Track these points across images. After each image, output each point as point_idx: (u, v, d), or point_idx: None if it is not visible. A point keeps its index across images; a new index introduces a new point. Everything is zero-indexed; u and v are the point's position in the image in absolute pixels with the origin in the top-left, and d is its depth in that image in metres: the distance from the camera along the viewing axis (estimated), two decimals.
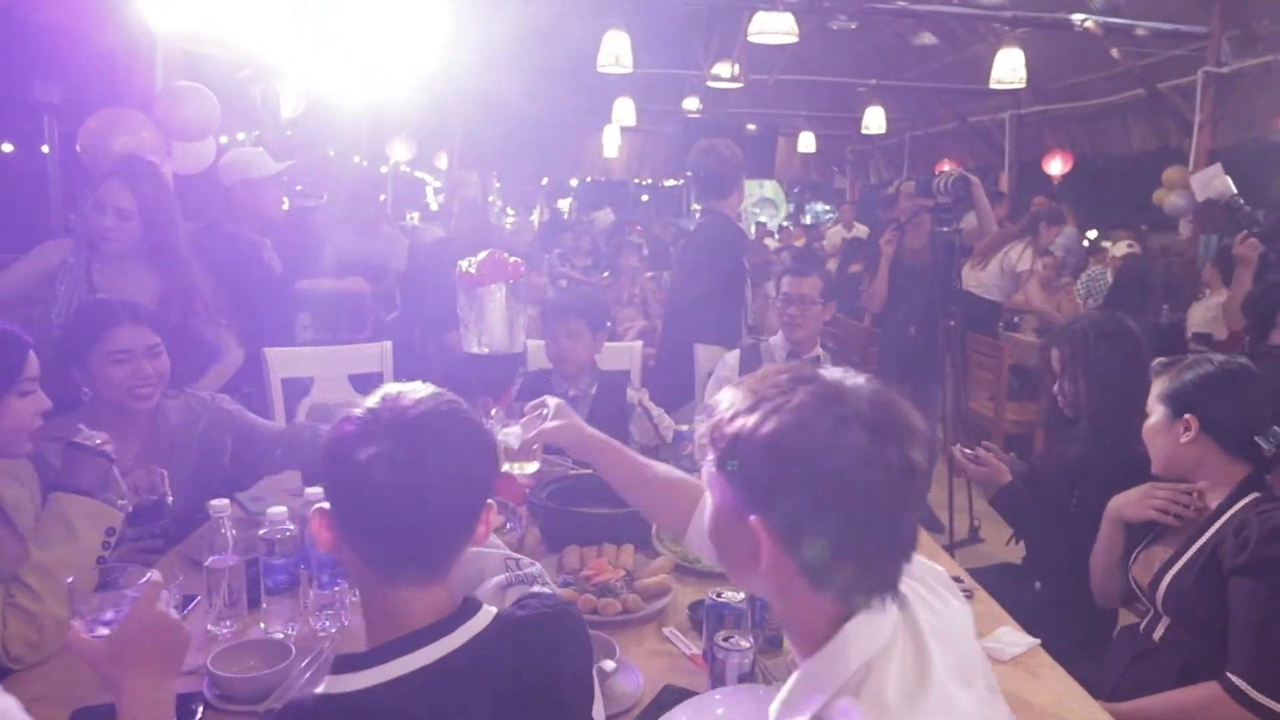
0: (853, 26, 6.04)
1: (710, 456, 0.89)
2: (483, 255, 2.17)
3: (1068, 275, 6.17)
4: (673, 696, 1.41)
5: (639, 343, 3.34)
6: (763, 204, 14.89)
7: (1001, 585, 1.94)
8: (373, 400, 0.98)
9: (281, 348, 2.98)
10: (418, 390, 0.99)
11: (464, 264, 2.18)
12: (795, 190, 14.70)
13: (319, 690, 0.90)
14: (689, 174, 13.43)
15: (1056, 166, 7.66)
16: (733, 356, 2.98)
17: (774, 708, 0.86)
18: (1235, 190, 4.41)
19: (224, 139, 4.23)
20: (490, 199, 10.93)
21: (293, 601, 1.61)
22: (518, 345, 2.23)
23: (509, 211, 11.43)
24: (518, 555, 1.23)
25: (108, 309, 1.97)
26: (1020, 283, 4.68)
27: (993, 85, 5.73)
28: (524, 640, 0.97)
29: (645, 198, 18.77)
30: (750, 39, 5.76)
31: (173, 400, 2.10)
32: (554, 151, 11.52)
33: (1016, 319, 5.38)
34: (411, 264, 5.00)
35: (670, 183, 16.45)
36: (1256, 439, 1.63)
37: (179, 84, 3.00)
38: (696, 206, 15.29)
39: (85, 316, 1.98)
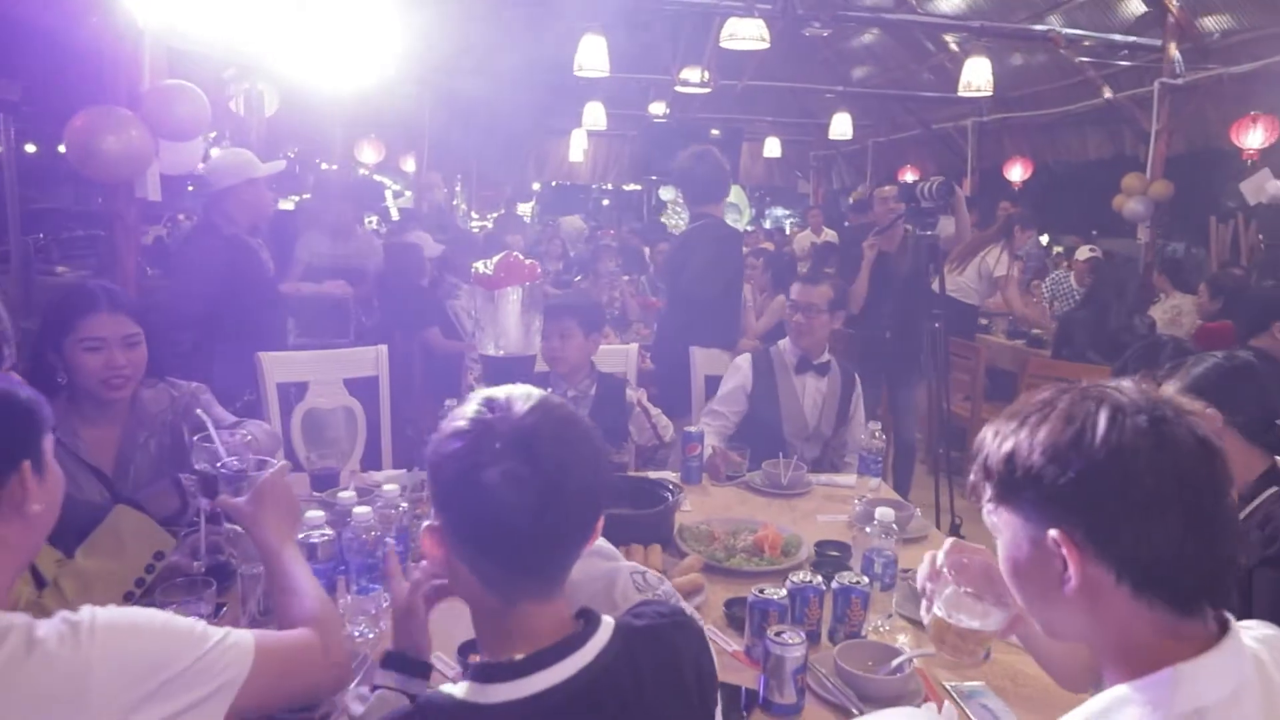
0: (825, 34, 6.14)
1: (989, 493, 0.88)
2: (498, 257, 2.17)
3: (1035, 279, 6.33)
4: (726, 693, 1.43)
5: (634, 345, 3.34)
6: (727, 208, 15.01)
7: None
8: (474, 409, 0.93)
9: (276, 352, 2.93)
10: (522, 396, 0.94)
11: (480, 266, 2.17)
12: (756, 195, 14.85)
13: (460, 696, 0.90)
14: (654, 178, 13.33)
15: (1017, 173, 7.86)
16: (744, 360, 2.97)
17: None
18: None
19: None
20: (455, 203, 10.83)
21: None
22: (533, 347, 2.23)
23: (474, 215, 11.34)
24: (644, 569, 1.22)
25: (86, 295, 1.89)
26: (998, 286, 4.79)
27: (961, 93, 5.86)
28: (646, 649, 0.96)
29: (606, 202, 18.78)
30: (722, 44, 5.81)
31: (150, 390, 2.04)
32: (519, 156, 11.48)
33: (986, 321, 5.50)
34: (387, 266, 4.95)
35: (630, 187, 16.48)
36: (1278, 423, 1.67)
37: (168, 83, 2.93)
38: (668, 214, 15.36)
39: (64, 301, 1.90)
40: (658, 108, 9.77)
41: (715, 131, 11.17)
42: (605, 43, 5.86)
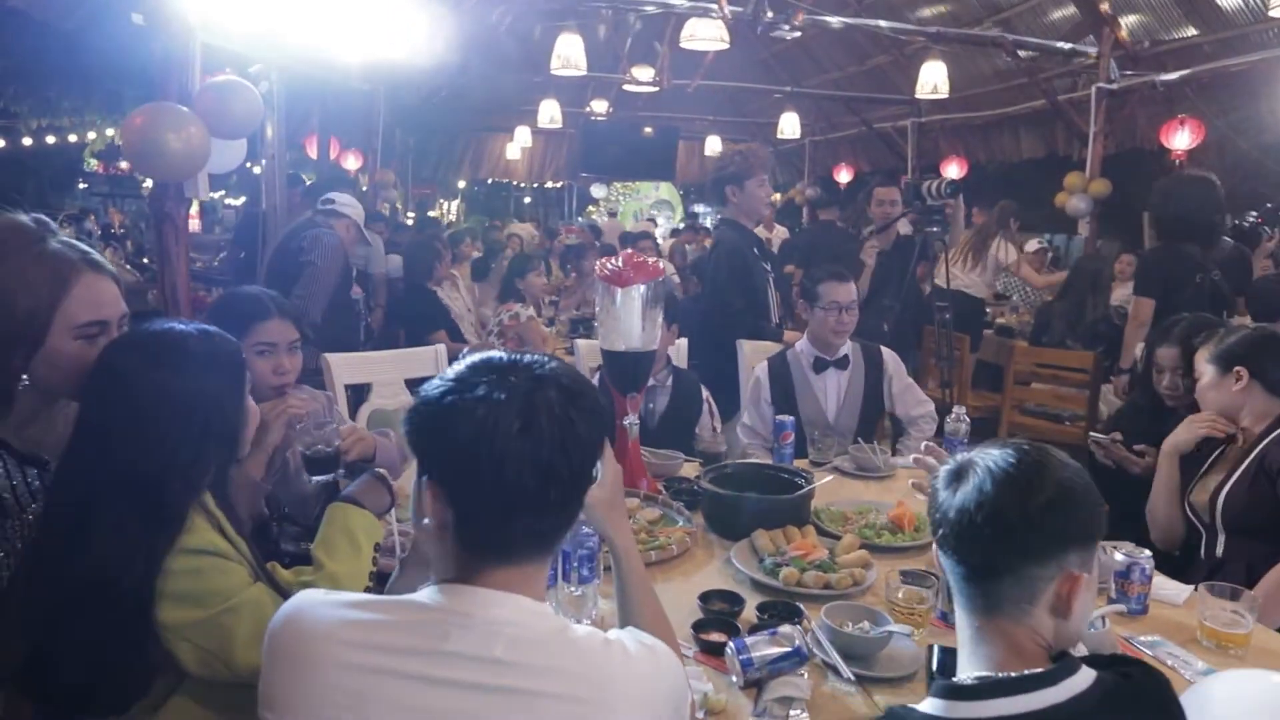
0: (789, 38, 6.34)
1: None
2: (623, 255, 2.22)
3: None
4: (948, 656, 1.54)
5: (683, 340, 3.39)
6: (659, 205, 15.22)
7: None
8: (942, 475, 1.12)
9: (339, 353, 2.90)
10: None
11: (605, 263, 2.22)
12: (682, 193, 15.11)
13: (926, 710, 1.00)
14: (585, 175, 13.16)
15: (953, 171, 8.28)
16: (761, 369, 3.02)
17: None
18: None
19: None
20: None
21: (552, 595, 1.62)
22: (653, 343, 2.28)
23: (409, 215, 11.11)
24: None
25: (258, 301, 1.96)
26: (1013, 270, 5.32)
27: (919, 95, 6.18)
28: (1129, 708, 0.99)
29: (528, 200, 18.67)
30: (682, 44, 5.91)
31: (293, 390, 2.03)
32: (456, 153, 11.33)
33: (990, 312, 5.84)
34: (404, 266, 4.87)
35: (551, 184, 16.44)
36: None
37: (221, 79, 2.85)
38: (598, 210, 15.29)
39: (235, 308, 1.95)
40: (600, 105, 9.82)
41: (648, 130, 11.30)
42: (581, 41, 5.90)
